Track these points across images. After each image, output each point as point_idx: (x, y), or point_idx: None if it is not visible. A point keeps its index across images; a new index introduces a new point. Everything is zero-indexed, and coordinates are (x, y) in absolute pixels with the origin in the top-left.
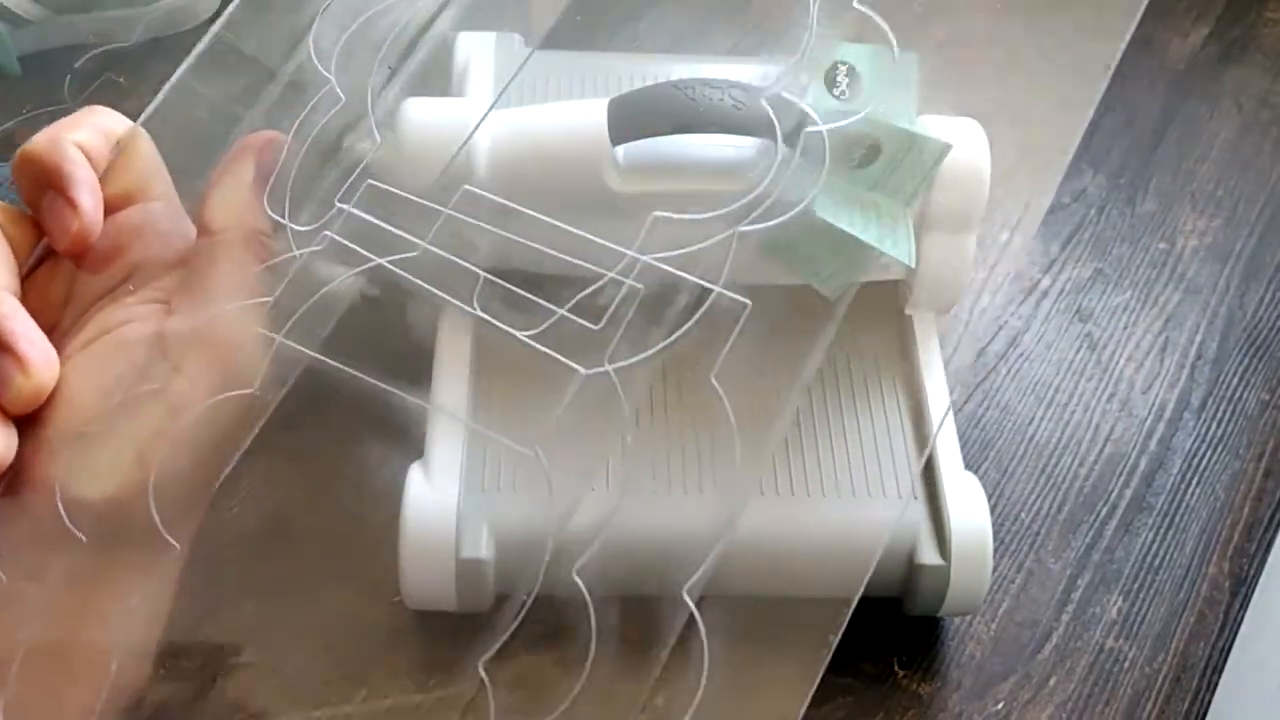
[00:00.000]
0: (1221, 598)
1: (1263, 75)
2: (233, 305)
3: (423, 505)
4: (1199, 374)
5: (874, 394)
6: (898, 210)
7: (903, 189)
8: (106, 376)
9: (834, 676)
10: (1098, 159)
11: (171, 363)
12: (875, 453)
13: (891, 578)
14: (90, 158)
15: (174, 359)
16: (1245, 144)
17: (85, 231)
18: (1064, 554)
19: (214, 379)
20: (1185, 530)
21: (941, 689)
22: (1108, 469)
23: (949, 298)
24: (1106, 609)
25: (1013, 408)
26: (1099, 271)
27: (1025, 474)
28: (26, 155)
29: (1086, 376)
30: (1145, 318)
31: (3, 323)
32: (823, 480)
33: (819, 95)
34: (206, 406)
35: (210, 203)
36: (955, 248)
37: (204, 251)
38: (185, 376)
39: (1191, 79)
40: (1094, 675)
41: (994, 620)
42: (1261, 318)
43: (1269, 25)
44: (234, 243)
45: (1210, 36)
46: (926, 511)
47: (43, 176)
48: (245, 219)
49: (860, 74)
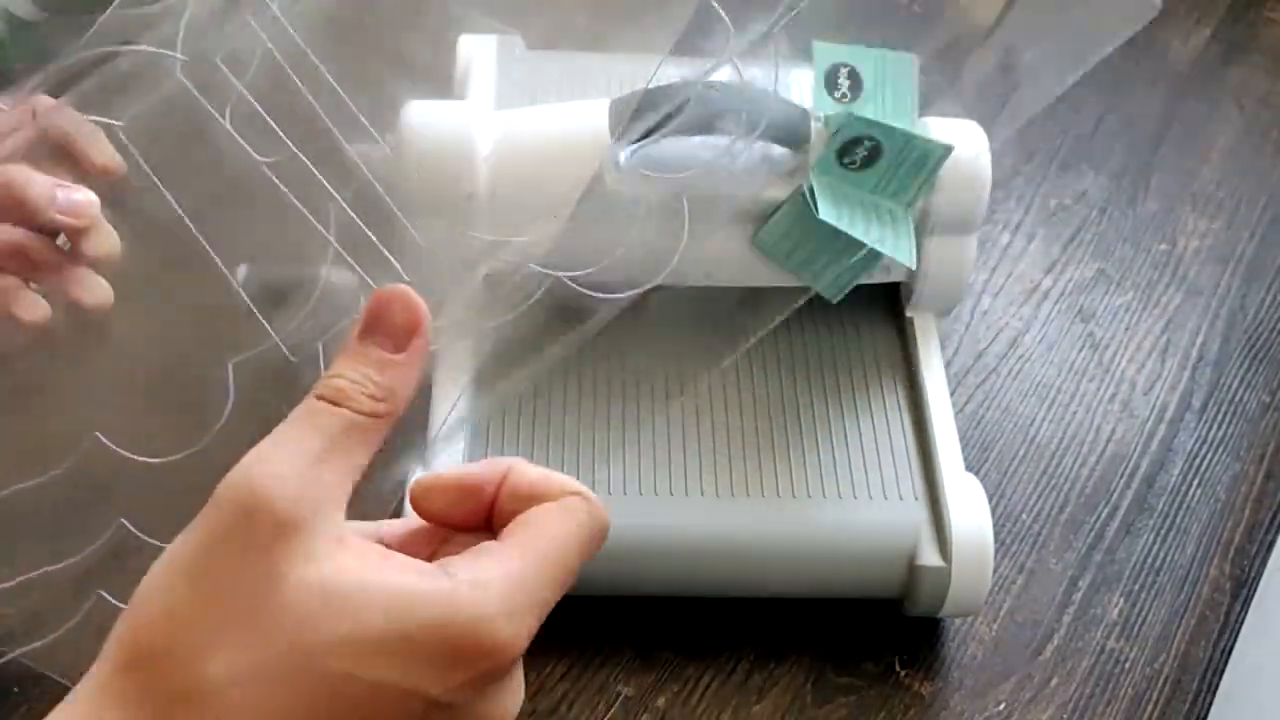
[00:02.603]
0: (1222, 599)
1: (1264, 76)
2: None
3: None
4: (1200, 375)
5: (875, 395)
6: (898, 212)
7: (904, 191)
8: None
9: (835, 676)
10: (1099, 160)
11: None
12: (876, 454)
13: (892, 579)
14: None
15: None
16: (1246, 145)
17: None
18: (1065, 555)
19: None
20: (1186, 531)
21: (943, 689)
22: (1109, 470)
23: (950, 299)
24: (1107, 610)
25: (1014, 409)
26: (1100, 272)
27: (1026, 475)
28: None
29: (1088, 377)
30: (1147, 319)
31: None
32: (823, 482)
33: (820, 96)
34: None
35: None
36: (956, 249)
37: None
38: None
39: (1193, 80)
40: (1095, 676)
41: (995, 621)
42: (1263, 319)
43: (1270, 26)
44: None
45: (1212, 38)
46: (927, 513)
47: None
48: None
49: (861, 76)
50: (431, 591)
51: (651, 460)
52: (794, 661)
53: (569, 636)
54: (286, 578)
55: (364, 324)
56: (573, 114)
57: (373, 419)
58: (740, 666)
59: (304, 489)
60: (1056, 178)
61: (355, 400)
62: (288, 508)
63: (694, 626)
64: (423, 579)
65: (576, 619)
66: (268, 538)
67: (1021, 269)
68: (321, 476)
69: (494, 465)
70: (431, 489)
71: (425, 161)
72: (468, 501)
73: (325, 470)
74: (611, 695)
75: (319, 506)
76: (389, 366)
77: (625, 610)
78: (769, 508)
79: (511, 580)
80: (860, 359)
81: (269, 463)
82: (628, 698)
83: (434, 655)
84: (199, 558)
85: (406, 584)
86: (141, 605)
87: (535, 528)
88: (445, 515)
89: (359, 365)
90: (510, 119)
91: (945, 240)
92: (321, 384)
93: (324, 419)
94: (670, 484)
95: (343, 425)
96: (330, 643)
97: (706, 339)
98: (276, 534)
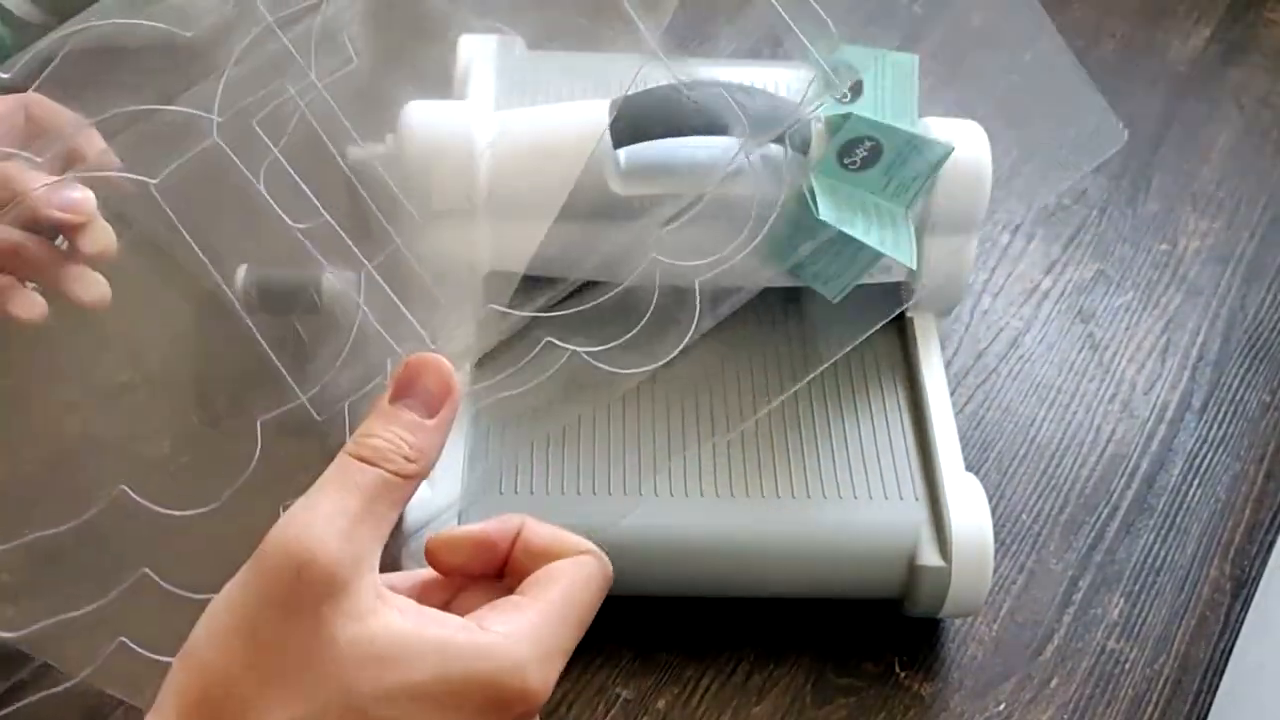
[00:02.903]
0: (1223, 599)
1: (1264, 76)
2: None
3: (425, 509)
4: (1200, 375)
5: (875, 396)
6: (899, 212)
7: (904, 191)
8: None
9: (835, 677)
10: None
11: None
12: (876, 454)
13: (892, 579)
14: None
15: None
16: (1246, 145)
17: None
18: (1065, 555)
19: None
20: (1186, 532)
21: (943, 689)
22: (1109, 470)
23: (950, 299)
24: (1108, 610)
25: (1014, 409)
26: (1100, 273)
27: (1026, 475)
28: None
29: (1088, 377)
30: (1147, 319)
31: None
32: (823, 482)
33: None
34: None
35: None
36: (956, 249)
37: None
38: None
39: (1192, 80)
40: (1095, 676)
41: (995, 621)
42: (1263, 319)
43: (1269, 26)
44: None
45: (1211, 38)
46: (928, 513)
47: None
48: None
49: (861, 76)
50: (470, 644)
51: (652, 460)
52: (794, 662)
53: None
54: (336, 637)
55: (396, 387)
56: (572, 114)
57: (405, 480)
58: (740, 668)
59: (346, 548)
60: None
61: (391, 461)
62: (333, 568)
63: (694, 627)
64: (460, 632)
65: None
66: (316, 598)
67: (1021, 269)
68: (360, 535)
69: (506, 523)
70: (448, 545)
71: (425, 161)
72: (482, 556)
73: (364, 529)
74: (611, 697)
75: (360, 564)
76: (420, 430)
77: (625, 611)
78: (769, 508)
79: (539, 632)
80: (860, 359)
81: (313, 524)
82: (627, 700)
83: (476, 702)
84: (251, 615)
85: (446, 636)
86: (197, 658)
87: (556, 583)
88: (460, 568)
89: (392, 426)
90: (510, 119)
91: (945, 240)
92: (357, 443)
93: (360, 478)
94: (670, 484)
95: (378, 485)
96: (380, 692)
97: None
98: (324, 593)
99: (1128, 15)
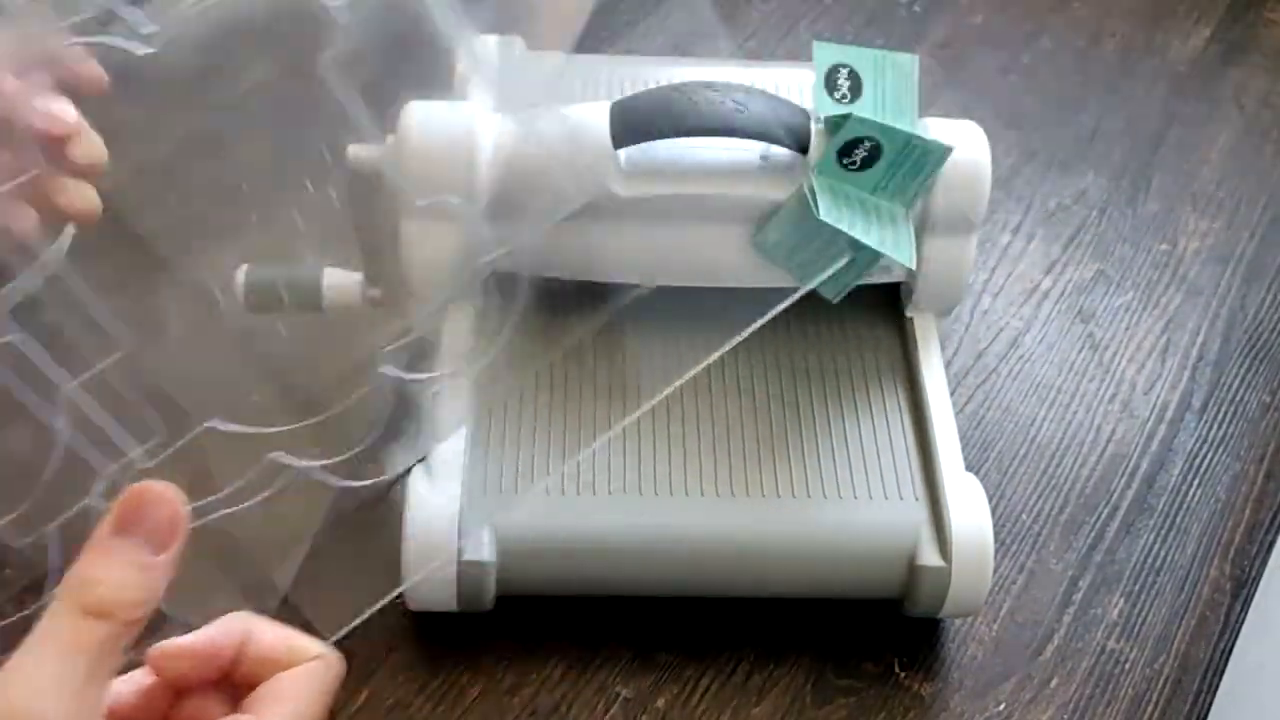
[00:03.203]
0: (1223, 599)
1: (1264, 76)
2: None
3: (425, 508)
4: (1200, 375)
5: (875, 396)
6: (898, 212)
7: (904, 191)
8: None
9: (835, 677)
10: (1099, 160)
11: None
12: (876, 454)
13: (892, 579)
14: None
15: None
16: (1246, 145)
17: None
18: (1065, 555)
19: None
20: (1186, 532)
21: (943, 690)
22: (1109, 470)
23: (950, 299)
24: (1108, 610)
25: (1014, 409)
26: (1100, 273)
27: (1026, 475)
28: None
29: (1088, 378)
30: (1147, 319)
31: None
32: (823, 482)
33: (820, 97)
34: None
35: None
36: (956, 249)
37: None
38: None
39: (1192, 80)
40: (1095, 676)
41: (995, 621)
42: (1263, 319)
43: (1270, 26)
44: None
45: (1211, 38)
46: (927, 513)
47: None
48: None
49: (861, 76)
50: None
51: (652, 460)
52: (794, 662)
53: (568, 637)
54: None
55: (119, 519)
56: (573, 115)
57: (134, 624)
58: (740, 668)
59: (77, 711)
60: (1056, 178)
61: (121, 611)
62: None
63: (694, 627)
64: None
65: (575, 619)
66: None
67: (1021, 269)
68: (89, 697)
69: (229, 628)
70: (169, 656)
71: (425, 162)
72: (206, 664)
73: (93, 687)
74: (611, 696)
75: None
76: (149, 569)
77: (625, 611)
78: (769, 508)
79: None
80: (860, 359)
81: (37, 693)
82: (627, 699)
83: None
84: None
85: None
86: None
87: (282, 699)
88: (184, 678)
89: (117, 569)
90: (510, 120)
91: (945, 240)
92: (79, 590)
93: (87, 635)
94: (670, 484)
95: (106, 637)
96: None
97: (706, 339)
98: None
99: (1128, 15)
